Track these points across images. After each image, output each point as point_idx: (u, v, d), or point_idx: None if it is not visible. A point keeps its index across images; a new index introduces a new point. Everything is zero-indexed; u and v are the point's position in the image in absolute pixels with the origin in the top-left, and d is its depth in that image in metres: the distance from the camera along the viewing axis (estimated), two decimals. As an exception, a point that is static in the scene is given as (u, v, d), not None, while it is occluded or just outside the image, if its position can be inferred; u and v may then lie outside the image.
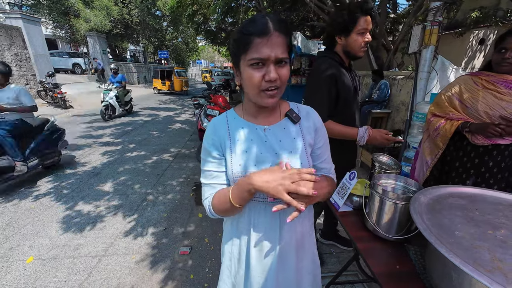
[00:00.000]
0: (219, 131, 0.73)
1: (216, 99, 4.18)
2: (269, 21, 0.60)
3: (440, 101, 1.39)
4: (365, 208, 1.06)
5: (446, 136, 1.32)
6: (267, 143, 0.71)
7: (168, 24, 17.96)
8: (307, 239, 0.82)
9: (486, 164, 1.26)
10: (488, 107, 1.21)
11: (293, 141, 0.72)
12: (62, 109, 7.92)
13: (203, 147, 0.75)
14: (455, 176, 1.36)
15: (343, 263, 1.69)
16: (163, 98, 12.12)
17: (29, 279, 1.72)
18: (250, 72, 0.61)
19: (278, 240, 0.73)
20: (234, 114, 0.76)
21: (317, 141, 0.77)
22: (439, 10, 2.21)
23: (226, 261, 0.83)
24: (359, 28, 1.20)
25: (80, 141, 4.85)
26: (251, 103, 0.71)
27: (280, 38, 0.60)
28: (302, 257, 0.80)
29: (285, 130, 0.73)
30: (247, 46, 0.60)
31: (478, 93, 1.25)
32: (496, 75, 1.23)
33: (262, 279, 0.76)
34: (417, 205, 0.76)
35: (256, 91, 0.63)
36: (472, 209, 0.76)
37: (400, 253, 0.92)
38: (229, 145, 0.71)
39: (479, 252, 0.58)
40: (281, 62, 0.61)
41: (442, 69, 2.65)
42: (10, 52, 7.80)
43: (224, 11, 7.83)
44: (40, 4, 11.99)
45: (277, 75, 0.61)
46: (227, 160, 0.72)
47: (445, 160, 1.41)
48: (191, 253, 2.01)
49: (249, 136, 0.72)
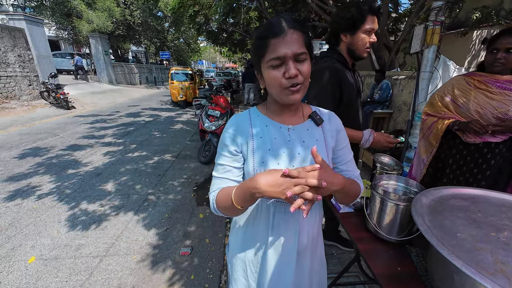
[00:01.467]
0: (242, 127, 0.72)
1: (218, 99, 4.18)
2: (282, 21, 0.61)
3: (434, 101, 1.44)
4: (366, 209, 1.05)
5: (438, 134, 1.38)
6: (291, 142, 0.71)
7: (170, 25, 18.02)
8: (320, 241, 0.83)
9: (476, 161, 1.30)
10: (479, 106, 1.25)
11: (315, 143, 0.72)
12: (65, 110, 7.97)
13: (220, 141, 0.74)
14: (449, 173, 1.41)
15: (344, 264, 1.68)
16: (164, 99, 12.16)
17: (31, 279, 1.73)
18: (271, 72, 0.62)
19: (297, 242, 0.73)
20: (257, 111, 0.75)
21: (338, 143, 0.76)
22: (441, 10, 2.20)
23: (239, 262, 0.80)
24: (366, 27, 1.16)
25: (82, 141, 4.88)
26: (275, 102, 0.71)
27: (295, 35, 0.60)
28: (314, 259, 0.80)
29: (308, 132, 0.73)
30: (264, 49, 0.61)
31: (470, 93, 1.28)
32: (488, 75, 1.26)
33: (278, 281, 0.75)
34: (418, 206, 0.76)
35: (279, 90, 0.63)
36: (475, 211, 0.75)
37: (402, 254, 0.91)
38: (252, 142, 0.70)
39: (481, 255, 0.58)
40: (301, 58, 0.61)
41: (444, 69, 2.63)
42: (14, 53, 7.87)
43: (226, 11, 7.84)
44: (43, 6, 12.09)
45: (297, 71, 0.60)
46: (248, 157, 0.70)
47: (440, 157, 1.45)
48: (192, 254, 2.01)
49: (273, 134, 0.71)
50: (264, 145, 0.70)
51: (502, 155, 1.26)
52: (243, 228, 0.79)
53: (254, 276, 0.78)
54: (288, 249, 0.73)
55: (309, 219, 0.74)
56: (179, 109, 9.38)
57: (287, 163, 0.69)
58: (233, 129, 0.72)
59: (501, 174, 1.28)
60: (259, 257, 0.76)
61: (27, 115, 7.07)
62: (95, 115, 7.59)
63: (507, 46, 1.16)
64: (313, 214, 0.77)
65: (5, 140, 4.82)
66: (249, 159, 0.70)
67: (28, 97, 8.35)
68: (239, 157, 0.72)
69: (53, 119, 6.89)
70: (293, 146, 0.70)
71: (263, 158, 0.69)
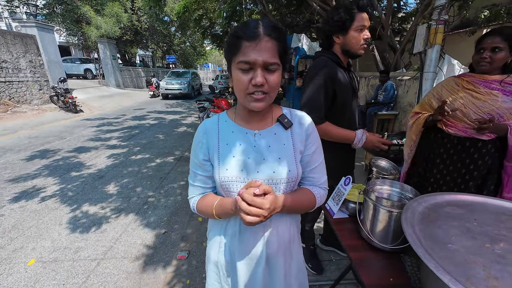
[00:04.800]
0: (209, 133, 0.73)
1: (219, 102, 4.20)
2: (260, 26, 0.60)
3: (423, 101, 1.49)
4: (359, 215, 1.01)
5: (418, 128, 1.43)
6: (256, 148, 0.70)
7: (176, 29, 18.31)
8: (295, 246, 0.80)
9: (463, 161, 1.29)
10: (463, 106, 1.25)
11: (282, 147, 0.71)
12: (73, 113, 8.16)
13: (192, 147, 0.75)
14: (436, 173, 1.41)
15: (342, 270, 1.62)
16: (170, 102, 12.30)
17: (29, 282, 1.74)
18: (238, 74, 0.61)
19: (265, 245, 0.73)
20: (226, 117, 0.75)
21: (307, 148, 0.73)
22: (444, 9, 2.14)
23: (212, 267, 0.81)
24: (357, 25, 1.18)
25: (88, 144, 4.97)
26: (243, 107, 0.70)
27: (270, 43, 0.59)
28: (290, 264, 0.79)
29: (275, 136, 0.72)
30: (236, 49, 0.60)
31: (457, 94, 1.29)
32: (477, 76, 1.27)
33: (249, 286, 0.74)
34: (409, 214, 0.72)
35: (242, 94, 0.63)
36: (470, 219, 0.70)
37: (395, 264, 0.87)
38: (217, 149, 0.71)
39: (473, 268, 0.53)
40: (271, 68, 0.60)
41: (449, 69, 2.55)
42: (25, 59, 8.14)
43: (229, 15, 7.90)
44: (54, 13, 12.49)
45: (263, 80, 0.60)
46: (215, 164, 0.71)
47: (430, 158, 1.44)
48: (188, 258, 1.99)
49: (238, 141, 0.70)
50: (229, 151, 0.70)
51: (491, 155, 1.24)
52: (216, 234, 0.79)
53: (227, 281, 0.78)
54: (255, 253, 0.72)
55: (278, 225, 0.74)
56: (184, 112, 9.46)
57: (252, 170, 0.68)
58: (201, 136, 0.73)
59: (490, 174, 1.26)
60: (230, 261, 0.76)
61: (36, 119, 7.27)
62: (102, 118, 7.74)
63: (492, 45, 1.18)
64: (283, 221, 0.75)
65: (14, 143, 4.96)
66: (215, 166, 0.71)
67: (39, 102, 8.60)
68: (206, 166, 0.73)
69: (62, 122, 7.06)
70: (259, 152, 0.69)
71: (227, 165, 0.69)
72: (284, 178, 0.69)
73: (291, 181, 0.70)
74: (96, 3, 12.73)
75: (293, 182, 0.71)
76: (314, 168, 0.76)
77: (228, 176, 0.68)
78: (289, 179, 0.70)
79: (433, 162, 1.42)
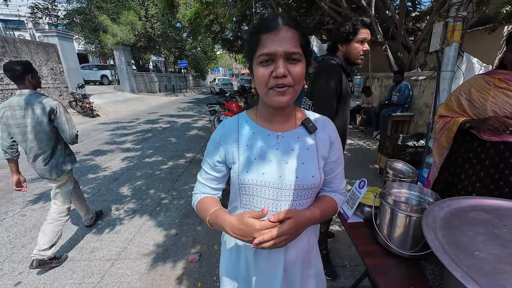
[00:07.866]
0: (228, 134, 0.70)
1: (230, 105, 4.23)
2: (278, 17, 0.57)
3: (449, 102, 1.38)
4: (375, 219, 0.97)
5: (450, 135, 1.33)
6: (278, 151, 0.66)
7: (187, 35, 18.73)
8: (314, 255, 0.77)
9: (496, 166, 1.20)
10: (497, 106, 1.16)
11: (306, 152, 0.67)
12: (90, 118, 8.50)
13: (207, 146, 0.73)
14: (464, 179, 1.32)
15: (357, 277, 1.57)
16: (182, 106, 12.55)
17: (48, 280, 1.80)
18: (258, 69, 0.58)
19: (283, 257, 0.69)
20: (246, 117, 0.72)
21: (331, 155, 0.70)
22: (462, 5, 2.05)
23: (228, 279, 0.79)
24: (359, 37, 1.35)
25: (104, 147, 5.14)
26: (265, 106, 0.67)
27: (289, 32, 0.56)
28: (308, 273, 0.75)
29: (299, 139, 0.68)
30: (256, 44, 0.57)
31: (488, 92, 1.20)
32: (510, 73, 1.17)
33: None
34: (430, 219, 0.68)
35: (264, 89, 0.59)
36: (499, 226, 0.65)
37: (415, 272, 0.82)
38: (237, 150, 0.68)
39: (504, 279, 0.49)
40: (293, 57, 0.56)
41: (468, 68, 2.44)
42: (47, 67, 8.57)
43: (239, 19, 7.99)
44: (74, 23, 13.15)
45: (285, 71, 0.55)
46: (234, 166, 0.68)
47: (457, 163, 1.36)
48: (200, 260, 1.99)
49: (259, 142, 0.67)
50: (249, 153, 0.67)
51: None
52: (231, 243, 0.76)
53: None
54: (273, 265, 0.69)
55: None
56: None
57: (273, 173, 0.65)
58: (219, 137, 0.70)
59: None
60: (246, 272, 0.73)
61: (57, 123, 7.62)
62: (117, 122, 8.00)
63: None
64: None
65: (36, 146, 5.21)
66: (235, 167, 0.68)
67: (59, 107, 9.02)
68: (219, 167, 0.71)
69: (80, 126, 7.35)
70: (281, 155, 0.66)
71: (247, 167, 0.66)
72: (307, 184, 0.66)
73: (313, 187, 0.67)
74: (112, 12, 13.27)
75: (315, 188, 0.68)
76: (336, 175, 0.73)
77: (248, 178, 0.65)
78: (312, 185, 0.66)
79: (461, 167, 1.34)
